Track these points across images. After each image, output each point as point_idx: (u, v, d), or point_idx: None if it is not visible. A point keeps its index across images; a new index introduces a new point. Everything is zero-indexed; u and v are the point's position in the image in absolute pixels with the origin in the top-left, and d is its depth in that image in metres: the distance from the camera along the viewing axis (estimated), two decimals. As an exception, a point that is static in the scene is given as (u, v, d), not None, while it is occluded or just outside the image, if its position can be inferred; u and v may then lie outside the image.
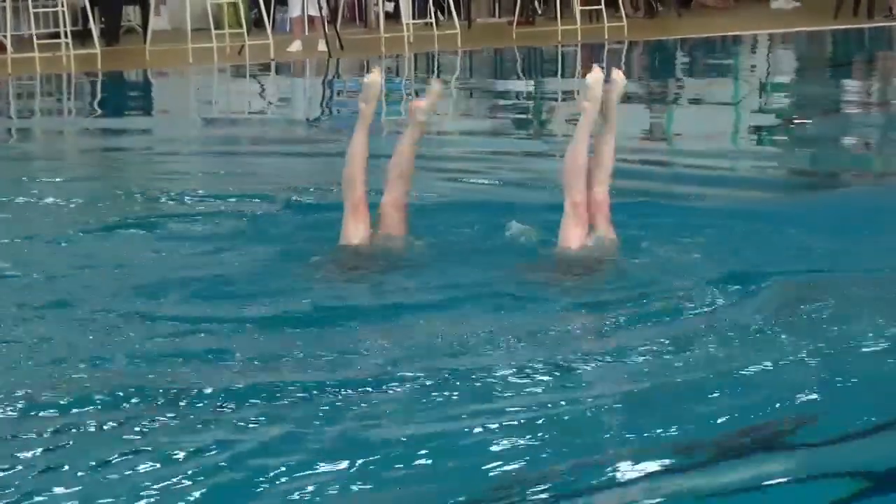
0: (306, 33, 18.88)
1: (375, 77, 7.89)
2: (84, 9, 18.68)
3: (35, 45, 17.67)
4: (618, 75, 7.60)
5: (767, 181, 10.59)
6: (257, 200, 9.67)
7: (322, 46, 18.57)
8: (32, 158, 12.81)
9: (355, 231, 7.75)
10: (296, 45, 18.66)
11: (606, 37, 19.61)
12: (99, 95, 16.88)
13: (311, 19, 18.95)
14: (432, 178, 10.31)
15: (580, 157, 7.49)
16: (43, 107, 16.31)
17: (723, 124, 14.10)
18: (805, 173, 11.02)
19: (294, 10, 18.96)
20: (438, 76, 17.61)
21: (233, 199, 9.84)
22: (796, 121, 14.21)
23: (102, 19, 19.42)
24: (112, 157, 12.58)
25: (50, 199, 10.00)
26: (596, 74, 7.48)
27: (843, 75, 17.72)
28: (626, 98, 8.11)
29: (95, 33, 18.49)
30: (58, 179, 10.95)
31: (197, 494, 4.71)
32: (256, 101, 16.73)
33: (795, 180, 10.76)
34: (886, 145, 12.43)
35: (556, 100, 16.38)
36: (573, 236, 7.49)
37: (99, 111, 15.84)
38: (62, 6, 17.98)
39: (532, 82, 17.45)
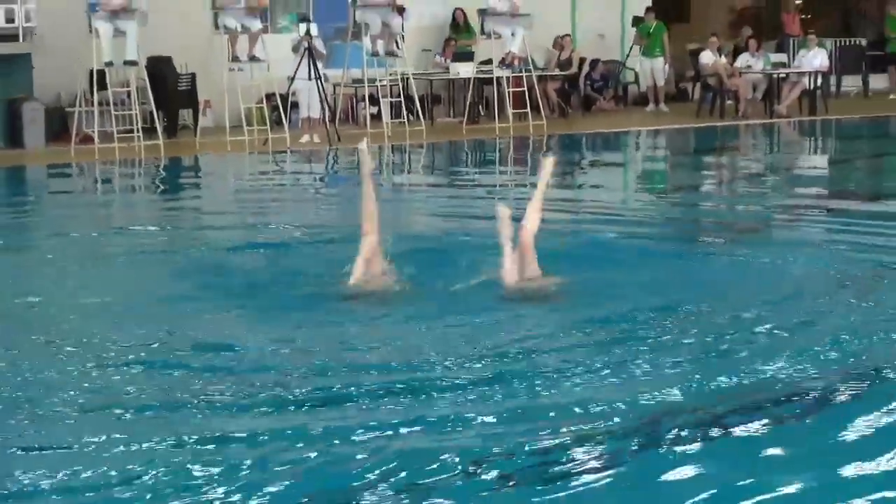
0: (312, 129, 19.04)
1: (363, 145, 8.48)
2: (151, 112, 18.25)
3: (115, 138, 17.58)
4: (548, 161, 7.99)
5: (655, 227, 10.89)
6: (283, 241, 10.14)
7: (318, 139, 18.59)
8: (112, 216, 12.99)
9: (365, 269, 7.76)
10: (305, 138, 18.62)
11: (531, 132, 19.44)
12: (162, 174, 16.55)
13: (315, 120, 19.05)
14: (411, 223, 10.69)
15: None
16: (120, 183, 16.24)
17: (615, 187, 14.58)
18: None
19: (302, 113, 19.00)
20: (409, 160, 18.07)
21: (264, 242, 10.26)
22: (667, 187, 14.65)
23: (164, 119, 19.04)
24: (171, 215, 12.78)
25: (127, 245, 10.25)
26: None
27: (703, 157, 17.95)
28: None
29: (159, 129, 18.13)
30: (135, 228, 11.27)
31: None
32: (278, 175, 16.68)
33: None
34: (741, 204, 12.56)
35: (494, 173, 16.60)
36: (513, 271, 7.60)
37: (161, 186, 15.84)
38: (135, 110, 17.84)
39: (476, 164, 17.59)
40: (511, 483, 4.63)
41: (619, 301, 7.33)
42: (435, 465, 4.74)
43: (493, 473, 4.70)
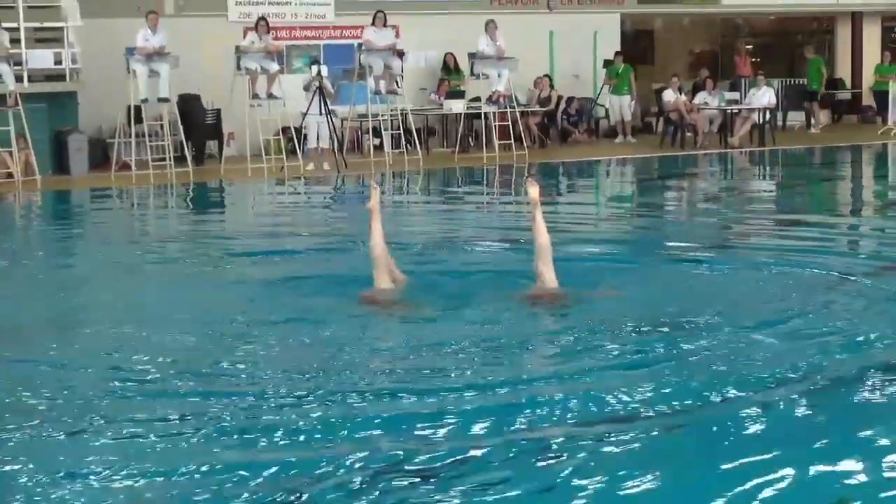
0: (321, 158, 19.04)
1: (374, 186, 8.18)
2: (181, 142, 18.58)
3: (150, 165, 17.69)
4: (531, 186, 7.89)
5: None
6: (300, 254, 10.19)
7: (328, 167, 18.63)
8: (148, 234, 13.07)
9: (381, 283, 7.71)
10: (310, 166, 18.53)
11: (514, 160, 19.39)
12: (191, 196, 16.64)
13: (325, 150, 18.98)
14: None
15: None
16: (155, 203, 16.17)
17: (590, 209, 14.62)
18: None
19: (310, 144, 18.87)
20: (405, 185, 18.10)
21: (284, 253, 10.33)
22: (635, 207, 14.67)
23: (193, 149, 19.12)
24: (199, 231, 12.90)
25: (156, 256, 10.45)
26: (534, 191, 7.82)
27: (667, 182, 17.96)
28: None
29: (189, 158, 18.31)
30: (163, 245, 11.36)
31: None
32: (292, 197, 16.81)
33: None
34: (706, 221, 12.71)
35: (482, 194, 16.68)
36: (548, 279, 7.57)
37: (190, 207, 15.95)
38: (168, 141, 17.96)
39: (467, 187, 17.58)
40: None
41: (609, 311, 7.33)
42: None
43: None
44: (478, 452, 4.73)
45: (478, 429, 5.07)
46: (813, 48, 26.21)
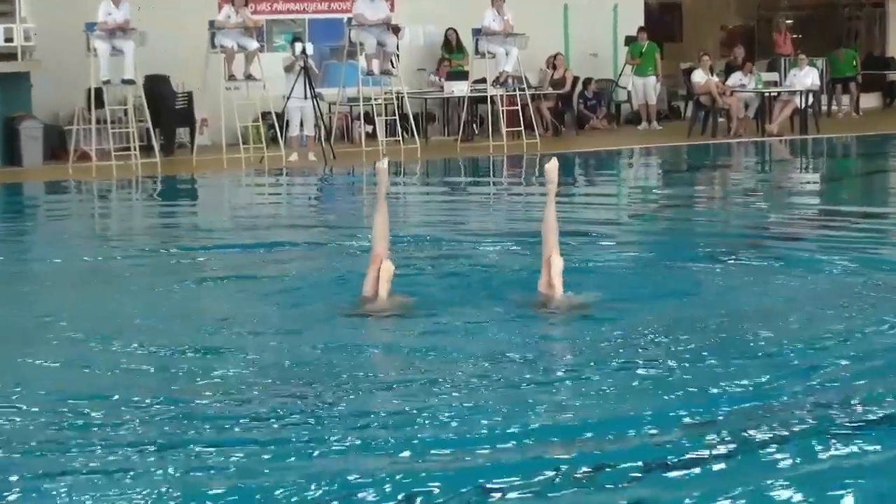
0: (306, 148, 19.04)
1: (383, 164, 8.13)
2: (148, 129, 18.42)
3: (112, 156, 17.50)
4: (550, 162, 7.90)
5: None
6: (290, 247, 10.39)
7: (313, 157, 18.67)
8: (109, 230, 13.17)
9: (374, 286, 7.66)
10: (293, 157, 18.58)
11: (525, 150, 19.36)
12: (158, 191, 16.55)
13: (310, 138, 19.02)
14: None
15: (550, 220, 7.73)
16: (118, 199, 16.21)
17: (610, 204, 14.60)
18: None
19: (293, 132, 18.84)
20: (401, 178, 17.99)
21: (264, 254, 10.35)
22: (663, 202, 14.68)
23: (161, 137, 19.04)
24: (169, 231, 12.80)
25: (121, 257, 10.49)
26: (552, 164, 7.86)
27: (696, 174, 18.00)
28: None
29: (156, 147, 18.10)
30: (126, 246, 11.32)
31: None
32: (272, 192, 16.92)
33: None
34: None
35: (488, 185, 16.70)
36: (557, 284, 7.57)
37: (158, 203, 15.92)
38: (133, 128, 17.85)
39: (469, 180, 17.69)
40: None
41: (632, 315, 7.39)
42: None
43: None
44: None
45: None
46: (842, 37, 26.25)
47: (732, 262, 9.50)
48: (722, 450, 5.07)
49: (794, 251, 10.06)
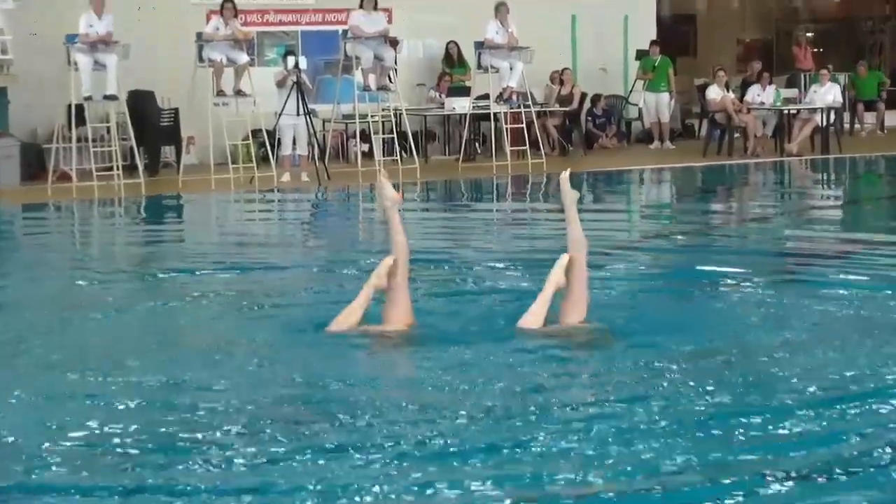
0: (299, 167, 19.07)
1: (384, 180, 7.92)
2: (132, 148, 18.54)
3: (94, 176, 17.47)
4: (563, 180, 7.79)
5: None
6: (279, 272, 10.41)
7: (306, 177, 18.74)
8: (89, 253, 13.12)
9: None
10: (285, 177, 18.67)
11: (530, 170, 19.35)
12: (143, 213, 16.60)
13: (302, 157, 19.09)
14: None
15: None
16: (100, 221, 16.27)
17: (621, 228, 14.61)
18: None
19: (284, 151, 18.93)
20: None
21: (256, 281, 10.35)
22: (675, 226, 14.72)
23: (146, 156, 19.20)
24: (152, 255, 12.72)
25: (99, 282, 10.43)
26: (565, 173, 7.80)
27: (712, 196, 18.08)
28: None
29: (140, 167, 18.26)
30: (108, 273, 11.14)
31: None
32: (264, 214, 16.84)
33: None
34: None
35: (490, 211, 16.64)
36: (572, 314, 7.56)
37: (142, 225, 15.88)
38: (115, 146, 17.86)
39: (471, 203, 17.75)
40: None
41: (647, 346, 7.38)
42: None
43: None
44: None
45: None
46: (866, 63, 26.34)
47: (749, 287, 9.50)
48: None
49: (813, 277, 10.06)
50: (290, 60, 18.65)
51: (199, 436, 5.83)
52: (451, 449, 5.59)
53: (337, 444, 5.66)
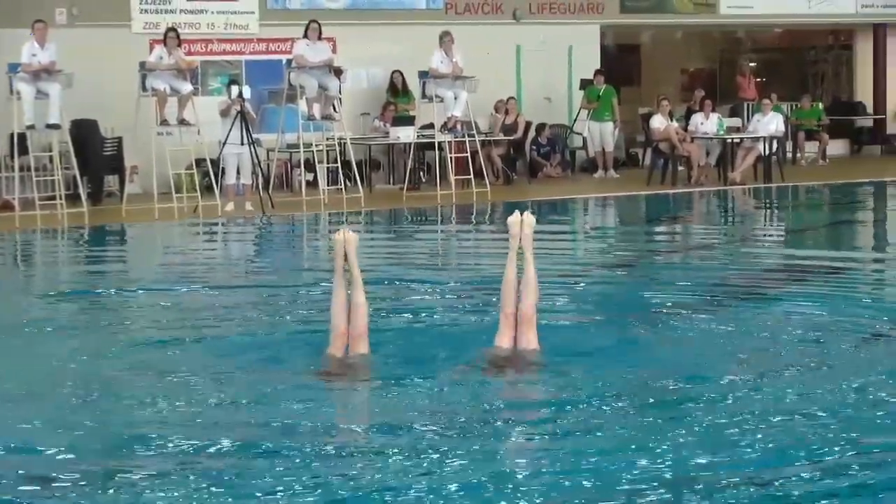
0: (243, 197, 19.07)
1: (339, 236, 7.86)
2: (75, 177, 18.56)
3: (37, 205, 17.60)
4: (527, 216, 7.93)
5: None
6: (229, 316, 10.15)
7: (250, 207, 18.74)
8: (32, 290, 12.92)
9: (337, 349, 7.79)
10: (230, 206, 18.62)
11: (475, 199, 19.66)
12: (85, 243, 16.64)
13: (246, 186, 19.06)
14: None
15: (510, 276, 7.85)
16: (42, 251, 16.30)
17: (564, 258, 14.73)
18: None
19: (230, 179, 18.90)
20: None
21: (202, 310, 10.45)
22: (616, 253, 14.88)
23: (89, 185, 19.25)
24: (96, 285, 12.45)
25: (43, 319, 10.27)
26: (514, 217, 7.93)
27: (655, 225, 18.21)
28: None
29: (83, 196, 18.34)
30: (51, 304, 11.18)
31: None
32: (208, 243, 16.98)
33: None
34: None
35: (434, 240, 16.70)
36: (504, 339, 7.78)
37: (86, 255, 15.89)
38: (58, 175, 17.93)
39: (415, 231, 17.82)
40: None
41: (596, 374, 7.56)
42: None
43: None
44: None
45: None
46: (809, 97, 26.81)
47: (692, 314, 9.70)
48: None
49: (756, 303, 10.27)
50: (234, 90, 18.63)
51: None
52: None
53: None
